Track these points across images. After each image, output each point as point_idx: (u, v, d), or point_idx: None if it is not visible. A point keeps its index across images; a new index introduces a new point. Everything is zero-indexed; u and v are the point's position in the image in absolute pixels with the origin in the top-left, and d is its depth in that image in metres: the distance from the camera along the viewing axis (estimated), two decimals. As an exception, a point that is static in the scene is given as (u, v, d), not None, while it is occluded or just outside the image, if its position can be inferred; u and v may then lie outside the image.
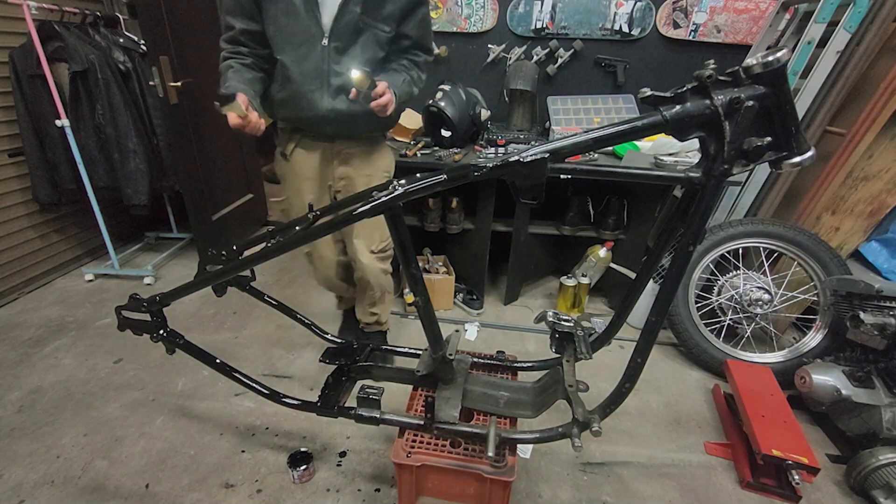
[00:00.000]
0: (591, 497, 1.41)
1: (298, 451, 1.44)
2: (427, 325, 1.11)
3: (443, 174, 0.89)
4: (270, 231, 1.41)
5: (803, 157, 0.74)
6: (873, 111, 1.77)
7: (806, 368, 1.62)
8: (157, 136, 2.49)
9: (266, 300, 1.58)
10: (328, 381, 1.36)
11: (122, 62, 2.32)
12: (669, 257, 0.96)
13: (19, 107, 2.20)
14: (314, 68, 1.33)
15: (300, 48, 1.32)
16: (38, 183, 2.32)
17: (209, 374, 1.82)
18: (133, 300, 1.28)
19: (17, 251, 2.37)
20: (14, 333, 2.08)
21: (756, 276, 1.93)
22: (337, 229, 1.03)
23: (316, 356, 1.63)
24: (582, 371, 1.47)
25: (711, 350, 1.93)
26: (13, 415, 1.63)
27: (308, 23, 1.29)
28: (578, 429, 1.06)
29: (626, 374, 1.03)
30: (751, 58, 0.70)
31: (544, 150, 0.80)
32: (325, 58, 1.32)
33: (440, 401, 1.21)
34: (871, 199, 1.94)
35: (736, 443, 1.56)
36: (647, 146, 2.05)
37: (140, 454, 1.49)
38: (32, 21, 2.01)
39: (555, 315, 1.32)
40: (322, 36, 1.31)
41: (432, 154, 2.14)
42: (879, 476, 1.35)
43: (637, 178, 1.34)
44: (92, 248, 2.78)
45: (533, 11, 2.45)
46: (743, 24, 2.33)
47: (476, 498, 1.23)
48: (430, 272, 2.36)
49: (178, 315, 2.23)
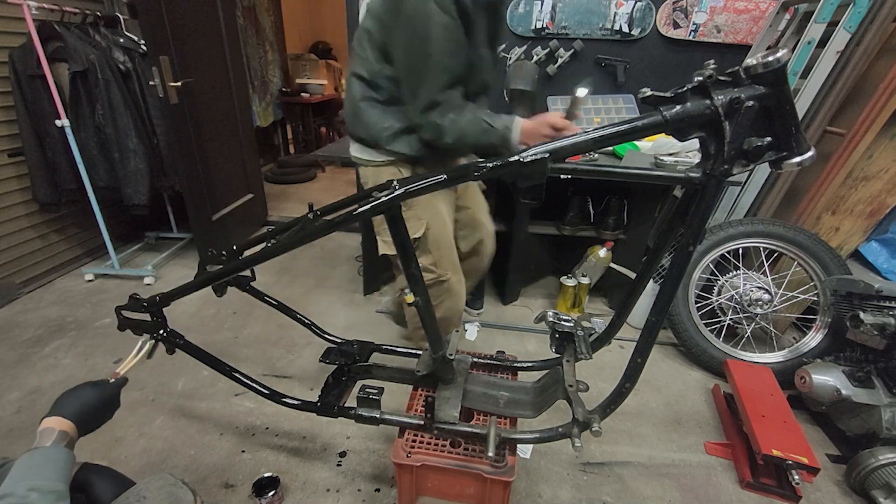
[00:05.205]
0: (591, 497, 1.41)
1: (263, 476, 1.34)
2: (427, 325, 1.11)
3: (443, 174, 0.89)
4: (270, 231, 1.41)
5: (803, 157, 0.74)
6: (873, 111, 1.77)
7: (806, 368, 1.62)
8: (157, 135, 2.49)
9: (266, 300, 1.58)
10: (328, 381, 1.36)
11: (123, 62, 2.32)
12: (669, 257, 0.96)
13: (19, 107, 2.20)
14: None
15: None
16: (38, 183, 2.31)
17: (209, 374, 1.82)
18: (133, 300, 1.28)
19: (17, 251, 2.37)
20: (14, 333, 2.08)
21: (756, 276, 1.93)
22: (337, 229, 1.02)
23: (316, 356, 1.63)
24: (582, 371, 1.47)
25: (711, 350, 1.93)
26: (12, 415, 1.63)
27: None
28: (578, 429, 1.06)
29: (626, 374, 1.03)
30: (751, 58, 0.70)
31: (544, 150, 0.80)
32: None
33: (440, 401, 1.21)
34: (871, 200, 1.94)
35: (736, 443, 1.56)
36: (647, 146, 2.05)
37: (140, 454, 1.49)
38: (32, 21, 2.01)
39: (555, 315, 1.32)
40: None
41: (432, 154, 2.14)
42: (879, 476, 1.35)
43: (637, 178, 1.34)
44: (92, 248, 2.78)
45: (533, 11, 2.44)
46: (743, 24, 2.33)
47: (476, 498, 1.23)
48: (430, 272, 2.36)
49: (178, 315, 2.23)
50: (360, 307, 2.41)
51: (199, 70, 2.51)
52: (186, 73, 2.37)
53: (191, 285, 1.21)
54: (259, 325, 2.20)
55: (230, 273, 1.21)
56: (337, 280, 2.68)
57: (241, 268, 1.18)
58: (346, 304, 2.43)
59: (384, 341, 1.55)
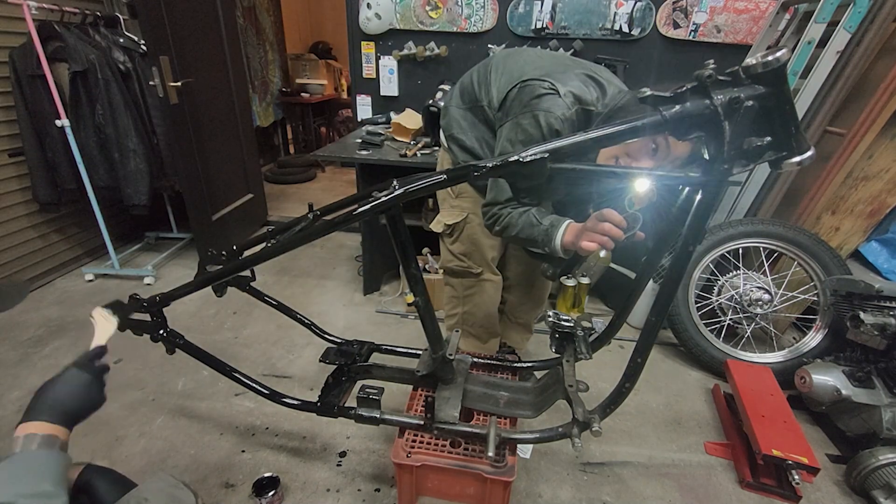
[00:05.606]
0: (591, 497, 1.41)
1: (263, 476, 1.34)
2: (427, 325, 1.11)
3: (443, 174, 0.89)
4: (270, 231, 1.41)
5: (803, 157, 0.74)
6: (873, 111, 1.76)
7: (806, 368, 1.62)
8: (157, 136, 2.49)
9: (266, 300, 1.58)
10: (328, 381, 1.35)
11: (123, 62, 2.32)
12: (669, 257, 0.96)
13: (19, 107, 2.20)
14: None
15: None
16: (38, 183, 2.31)
17: (209, 374, 1.82)
18: (133, 300, 1.28)
19: (17, 251, 2.37)
20: (14, 333, 2.08)
21: (756, 276, 1.93)
22: (337, 229, 1.02)
23: (316, 356, 1.63)
24: (582, 371, 1.47)
25: (711, 350, 1.93)
26: (13, 414, 1.63)
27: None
28: (578, 429, 1.06)
29: (626, 374, 1.03)
30: (751, 58, 0.70)
31: (544, 149, 0.80)
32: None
33: (440, 401, 1.20)
34: (871, 199, 1.94)
35: (736, 443, 1.56)
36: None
37: (140, 454, 1.49)
38: (32, 21, 2.01)
39: (555, 315, 1.32)
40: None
41: (432, 154, 2.14)
42: (879, 476, 1.35)
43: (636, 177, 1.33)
44: (92, 248, 2.78)
45: (533, 11, 2.45)
46: (743, 24, 2.33)
47: (476, 498, 1.23)
48: (429, 272, 2.36)
49: (178, 315, 2.23)
50: (360, 307, 2.41)
51: (199, 70, 2.51)
52: (186, 73, 2.37)
53: (191, 285, 1.21)
54: (259, 325, 2.20)
55: (230, 273, 1.21)
56: (337, 280, 2.68)
57: (241, 268, 1.18)
58: (346, 304, 2.43)
59: (384, 341, 1.54)
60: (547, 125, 1.07)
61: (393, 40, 2.64)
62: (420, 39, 2.59)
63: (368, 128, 2.56)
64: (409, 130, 2.33)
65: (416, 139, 2.30)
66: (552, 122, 1.07)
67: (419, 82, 2.72)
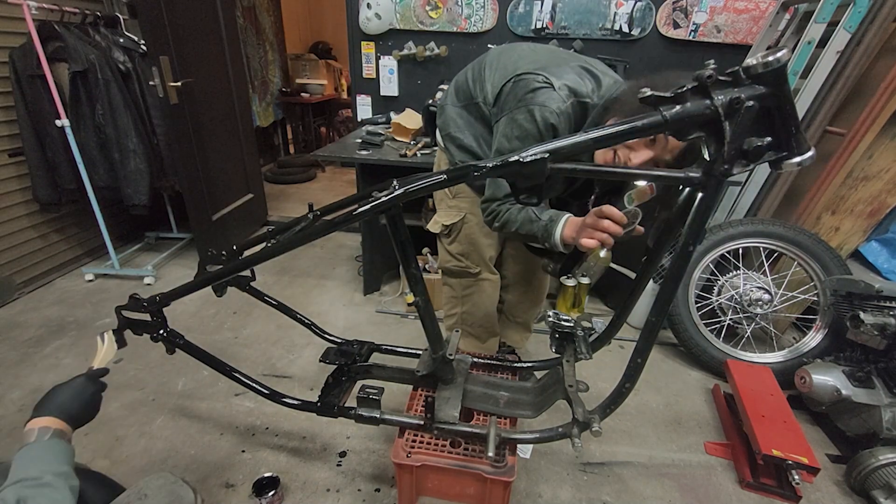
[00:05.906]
0: (591, 497, 1.41)
1: (263, 476, 1.34)
2: (427, 325, 1.11)
3: (443, 174, 0.89)
4: (270, 231, 1.41)
5: (803, 157, 0.74)
6: (873, 111, 1.76)
7: (806, 368, 1.62)
8: (157, 136, 2.49)
9: (266, 300, 1.58)
10: (328, 381, 1.35)
11: (122, 62, 2.32)
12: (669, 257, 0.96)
13: (19, 107, 2.20)
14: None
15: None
16: (38, 183, 2.31)
17: (209, 374, 1.82)
18: (133, 300, 1.28)
19: (17, 251, 2.37)
20: (14, 333, 2.08)
21: (756, 276, 1.93)
22: (337, 229, 1.02)
23: (316, 356, 1.63)
24: (582, 371, 1.47)
25: (711, 350, 1.93)
26: (14, 414, 1.63)
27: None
28: (578, 429, 1.06)
29: (626, 374, 1.03)
30: (751, 58, 0.70)
31: (544, 149, 0.80)
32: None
33: (440, 401, 1.20)
34: (871, 199, 1.94)
35: (736, 443, 1.56)
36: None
37: (140, 454, 1.49)
38: (32, 21, 2.01)
39: (555, 315, 1.32)
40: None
41: (432, 154, 2.14)
42: (879, 476, 1.35)
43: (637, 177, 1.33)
44: (92, 248, 2.78)
45: (533, 11, 2.45)
46: (743, 24, 2.33)
47: (476, 498, 1.23)
48: (430, 272, 2.36)
49: (178, 315, 2.23)
50: (360, 307, 2.41)
51: (199, 70, 2.51)
52: (186, 73, 2.37)
53: (191, 285, 1.21)
54: (259, 325, 2.20)
55: (230, 273, 1.21)
56: (337, 280, 2.68)
57: (241, 268, 1.18)
58: (346, 304, 2.43)
59: (384, 341, 1.55)
60: (542, 119, 1.07)
61: (393, 40, 2.64)
62: (420, 39, 2.59)
63: (368, 128, 2.56)
64: (409, 130, 2.33)
65: (416, 139, 2.30)
66: (547, 115, 1.06)
67: (419, 82, 2.72)
